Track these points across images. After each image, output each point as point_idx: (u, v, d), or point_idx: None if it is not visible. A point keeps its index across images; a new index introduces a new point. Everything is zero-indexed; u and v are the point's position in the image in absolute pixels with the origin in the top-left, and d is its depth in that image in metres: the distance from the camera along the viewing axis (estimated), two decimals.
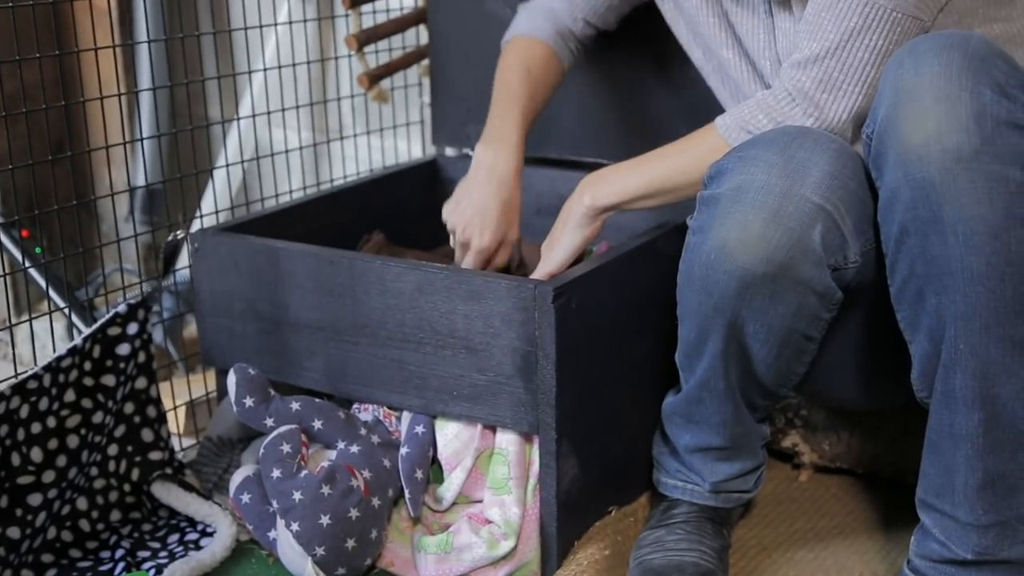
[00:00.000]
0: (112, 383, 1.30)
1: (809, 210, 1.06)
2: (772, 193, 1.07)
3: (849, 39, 1.13)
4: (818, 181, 1.07)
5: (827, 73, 1.14)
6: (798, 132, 1.11)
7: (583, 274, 1.21)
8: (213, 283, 1.39)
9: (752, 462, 1.27)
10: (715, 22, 1.28)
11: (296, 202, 1.54)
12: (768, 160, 1.08)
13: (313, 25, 1.90)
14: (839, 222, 1.08)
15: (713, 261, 1.09)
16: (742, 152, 1.11)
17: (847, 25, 1.12)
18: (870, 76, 1.13)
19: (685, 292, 1.15)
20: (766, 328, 1.11)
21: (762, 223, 1.06)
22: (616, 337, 1.27)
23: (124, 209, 2.06)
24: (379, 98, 1.80)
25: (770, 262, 1.07)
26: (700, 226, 1.12)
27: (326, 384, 1.34)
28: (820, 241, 1.07)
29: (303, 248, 1.33)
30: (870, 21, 1.12)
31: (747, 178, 1.08)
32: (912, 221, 1.01)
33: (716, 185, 1.11)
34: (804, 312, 1.11)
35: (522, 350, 1.20)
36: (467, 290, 1.21)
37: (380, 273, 1.26)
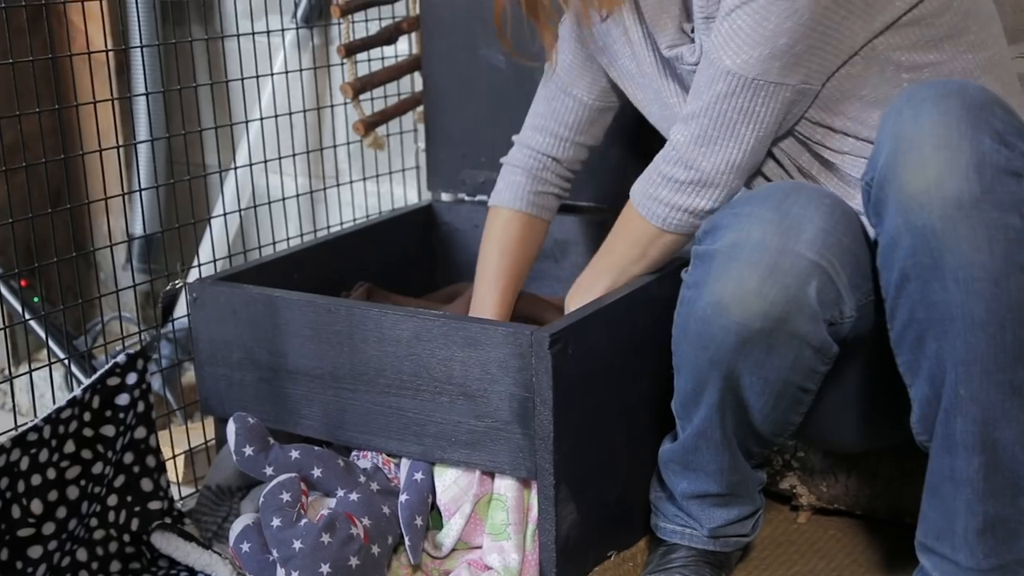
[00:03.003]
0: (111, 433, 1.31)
1: (804, 266, 1.08)
2: (768, 250, 1.08)
3: (718, 101, 1.17)
4: (812, 237, 1.09)
5: (702, 129, 1.19)
6: (792, 188, 1.13)
7: (579, 320, 1.22)
8: (211, 332, 1.40)
9: (750, 507, 1.27)
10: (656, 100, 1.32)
11: (293, 250, 1.55)
12: (763, 217, 1.10)
13: (309, 74, 1.93)
14: (834, 277, 1.09)
15: (709, 316, 1.11)
16: (737, 208, 1.13)
17: (716, 89, 1.17)
18: (743, 133, 1.18)
19: (681, 345, 1.16)
20: (762, 381, 1.13)
21: (758, 279, 1.08)
22: (612, 382, 1.28)
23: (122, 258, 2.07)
24: (375, 145, 1.82)
25: (767, 317, 1.08)
26: (695, 281, 1.13)
27: (325, 432, 1.35)
28: (816, 296, 1.08)
29: (301, 296, 1.34)
30: (734, 87, 1.16)
31: (742, 235, 1.10)
32: (913, 267, 1.02)
33: (711, 241, 1.13)
34: (800, 365, 1.12)
35: (519, 396, 1.21)
36: (464, 337, 1.22)
37: (378, 321, 1.27)
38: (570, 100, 1.41)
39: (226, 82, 1.71)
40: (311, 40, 1.96)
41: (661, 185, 1.23)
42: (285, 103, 1.84)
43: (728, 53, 1.16)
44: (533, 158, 1.44)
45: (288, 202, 1.82)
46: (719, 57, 1.17)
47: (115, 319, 1.92)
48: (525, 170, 1.45)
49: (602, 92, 1.41)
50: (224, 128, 1.71)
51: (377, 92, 1.86)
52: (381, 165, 1.95)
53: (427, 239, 1.75)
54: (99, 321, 1.91)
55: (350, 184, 1.92)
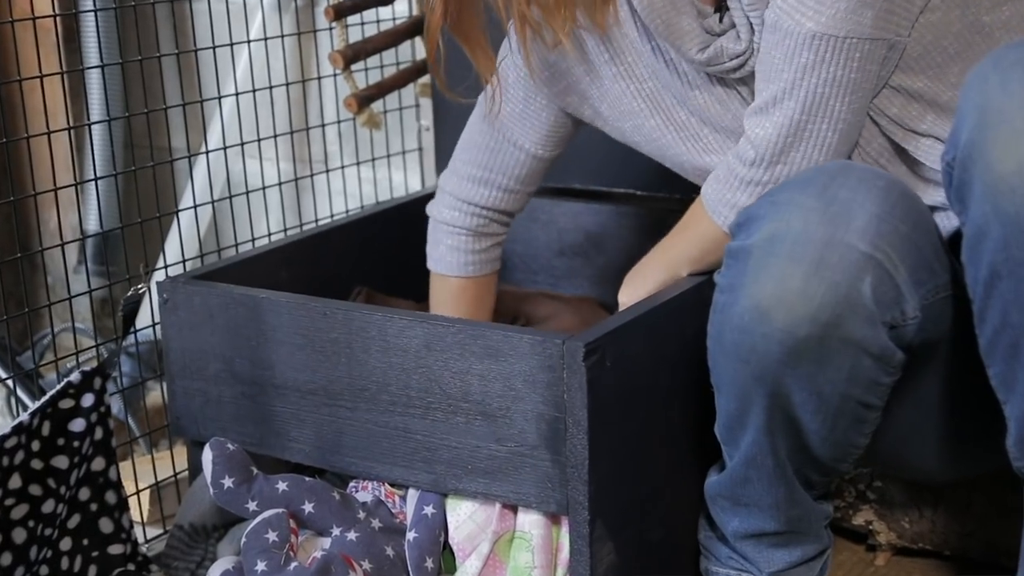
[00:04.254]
0: (65, 465, 1.31)
1: (856, 260, 1.08)
2: (812, 242, 1.08)
3: (805, 75, 1.17)
4: (864, 226, 1.09)
5: (788, 116, 1.19)
6: (838, 169, 1.13)
7: (618, 327, 1.22)
8: (184, 340, 1.40)
9: (815, 547, 1.27)
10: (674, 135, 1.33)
11: (276, 245, 1.56)
12: (805, 204, 1.10)
13: (291, 41, 1.93)
14: (892, 272, 1.09)
15: (748, 324, 1.11)
16: (775, 196, 1.14)
17: (800, 62, 1.17)
18: (837, 110, 1.18)
19: (718, 359, 1.17)
20: (816, 397, 1.13)
21: (802, 277, 1.08)
22: (657, 400, 1.28)
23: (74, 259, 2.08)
24: (370, 123, 1.83)
25: (815, 322, 1.08)
26: (730, 283, 1.13)
27: (317, 458, 1.35)
28: (871, 295, 1.09)
29: (290, 298, 1.34)
30: (823, 53, 1.16)
31: (781, 226, 1.10)
32: (1004, 262, 1.02)
33: (746, 235, 1.13)
34: (859, 377, 1.12)
35: (548, 416, 1.21)
36: (483, 346, 1.23)
37: (381, 327, 1.28)
38: (519, 152, 1.44)
39: (194, 51, 1.72)
40: (294, 1, 1.96)
41: (739, 189, 1.23)
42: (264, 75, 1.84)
43: (807, 13, 1.16)
44: (475, 215, 1.48)
45: (269, 191, 1.83)
46: (797, 22, 1.16)
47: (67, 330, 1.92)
48: (467, 230, 1.49)
49: (557, 141, 1.44)
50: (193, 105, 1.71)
51: (372, 61, 1.86)
52: (378, 147, 1.96)
53: None
54: (48, 333, 1.92)
55: (341, 170, 1.93)
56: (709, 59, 1.27)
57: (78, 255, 2.09)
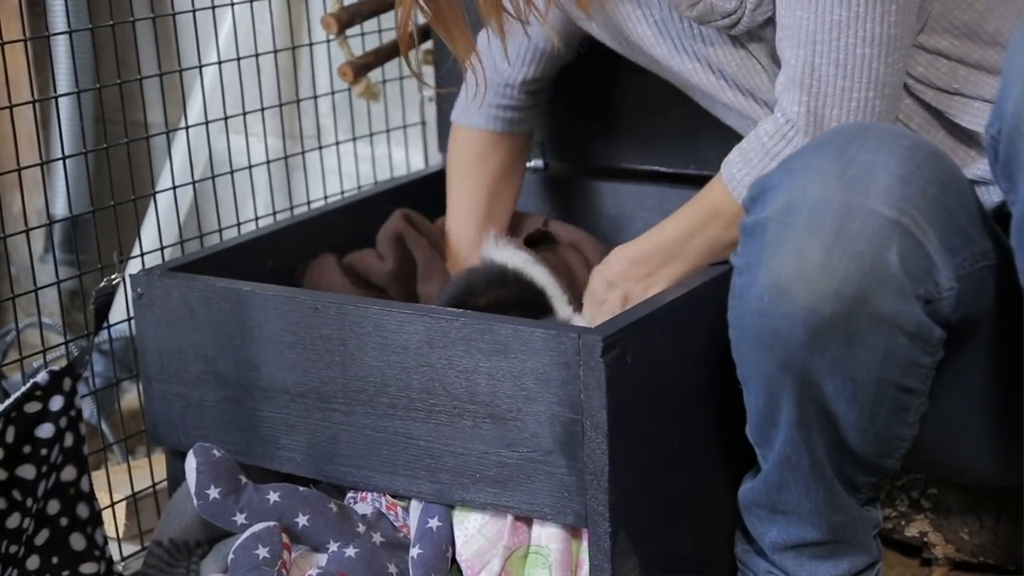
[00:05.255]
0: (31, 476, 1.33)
1: (879, 226, 1.09)
2: (830, 209, 1.09)
3: (840, 35, 1.18)
4: (887, 188, 1.10)
5: (824, 81, 1.20)
6: (857, 129, 1.15)
7: (639, 319, 1.24)
8: (162, 339, 1.42)
9: (864, 559, 1.28)
10: (696, 68, 1.37)
11: (264, 231, 1.58)
12: (821, 168, 1.11)
13: (280, 3, 1.95)
14: (920, 239, 1.10)
15: (767, 305, 1.12)
16: (790, 163, 1.15)
17: (831, 19, 1.19)
18: (878, 72, 1.19)
19: (741, 349, 1.18)
20: (850, 383, 1.14)
21: (822, 249, 1.09)
22: (683, 399, 1.29)
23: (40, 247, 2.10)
24: (367, 94, 1.84)
25: (839, 298, 1.09)
26: (747, 263, 1.15)
27: (310, 468, 1.37)
28: (899, 264, 1.09)
29: (278, 291, 1.36)
30: (855, 8, 1.18)
31: (797, 194, 1.11)
32: None
33: (760, 208, 1.14)
34: (895, 358, 1.13)
35: (563, 418, 1.23)
36: (491, 342, 1.24)
37: (378, 322, 1.29)
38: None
39: (172, 15, 1.73)
40: None
41: (772, 164, 1.24)
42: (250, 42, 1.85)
43: None
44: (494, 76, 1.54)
45: (256, 171, 1.85)
46: None
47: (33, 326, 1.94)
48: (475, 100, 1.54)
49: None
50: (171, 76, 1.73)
51: (369, 25, 1.88)
52: (376, 121, 1.97)
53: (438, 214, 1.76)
54: (11, 329, 1.94)
55: (336, 146, 1.94)
56: (700, 15, 1.30)
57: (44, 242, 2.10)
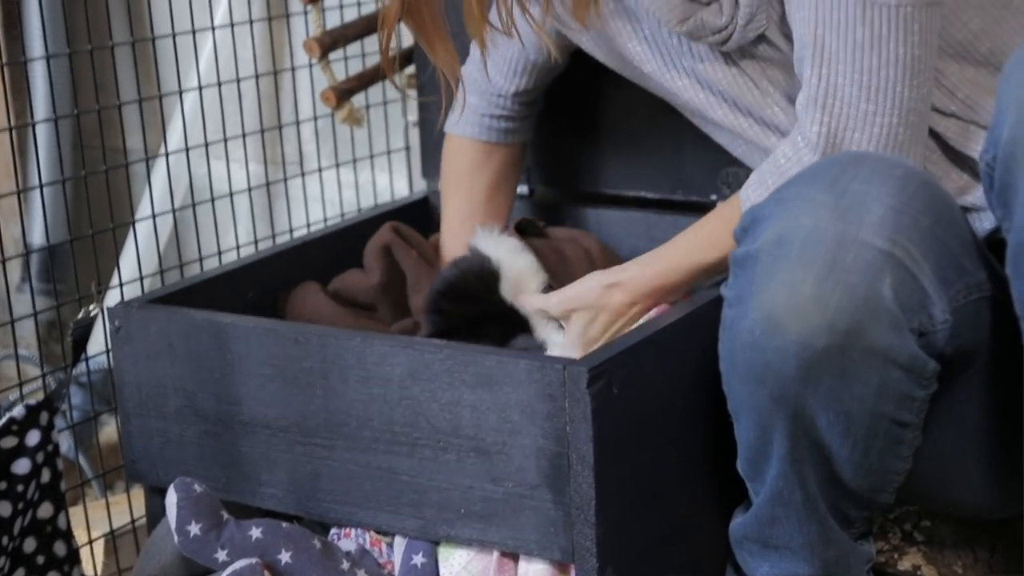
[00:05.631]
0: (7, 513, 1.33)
1: (873, 258, 1.11)
2: (823, 241, 1.11)
3: (863, 56, 1.20)
4: (880, 219, 1.11)
5: (846, 103, 1.22)
6: (850, 159, 1.16)
7: (625, 349, 1.26)
8: (140, 372, 1.44)
9: None
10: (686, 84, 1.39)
11: (248, 260, 1.59)
12: (814, 199, 1.13)
13: (262, 27, 1.96)
14: (914, 271, 1.12)
15: (759, 338, 1.14)
16: (781, 193, 1.17)
17: (854, 39, 1.20)
18: (903, 96, 1.21)
19: (732, 382, 1.20)
20: (843, 417, 1.15)
21: (815, 281, 1.10)
22: (672, 431, 1.31)
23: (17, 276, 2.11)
24: (350, 120, 1.86)
25: (833, 330, 1.11)
26: (737, 295, 1.16)
27: (293, 503, 1.39)
28: (893, 297, 1.11)
29: (258, 323, 1.38)
30: (878, 28, 1.20)
31: (789, 225, 1.13)
32: None
33: (752, 239, 1.16)
34: (889, 391, 1.15)
35: (549, 451, 1.24)
36: (475, 374, 1.26)
37: (361, 354, 1.31)
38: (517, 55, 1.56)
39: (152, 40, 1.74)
40: None
41: None
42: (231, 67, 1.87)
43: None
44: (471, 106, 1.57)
45: (237, 198, 1.86)
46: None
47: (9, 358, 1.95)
48: (478, 93, 1.55)
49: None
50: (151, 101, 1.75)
51: (352, 50, 1.90)
52: (359, 147, 1.99)
53: None
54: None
55: (318, 173, 1.96)
56: (690, 31, 1.32)
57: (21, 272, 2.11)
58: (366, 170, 2.02)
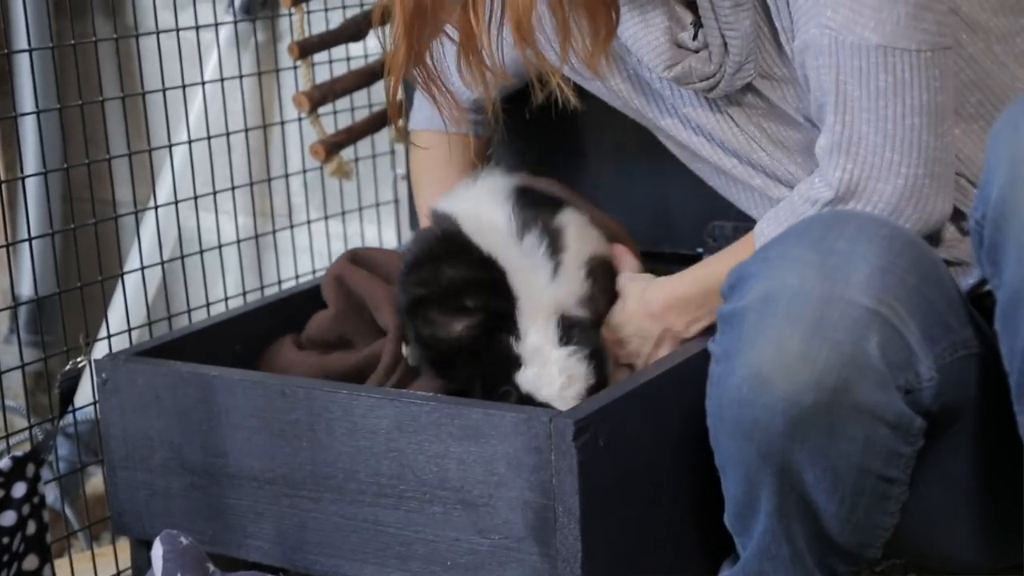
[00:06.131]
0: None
1: (859, 316, 1.11)
2: (810, 299, 1.11)
3: (886, 104, 1.21)
4: (867, 278, 1.12)
5: (871, 151, 1.22)
6: (835, 218, 1.17)
7: (612, 401, 1.25)
8: (127, 424, 1.43)
9: None
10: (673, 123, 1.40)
11: (236, 312, 1.59)
12: (801, 257, 1.13)
13: (251, 82, 1.97)
14: (900, 329, 1.12)
15: (747, 395, 1.14)
16: (768, 251, 1.18)
17: (876, 86, 1.21)
18: (928, 144, 1.22)
19: (719, 437, 1.20)
20: (831, 473, 1.15)
21: (802, 339, 1.11)
22: (658, 484, 1.30)
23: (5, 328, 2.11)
24: (339, 173, 1.87)
25: (820, 388, 1.11)
26: (725, 351, 1.17)
27: (279, 556, 1.38)
28: (879, 355, 1.11)
29: (245, 376, 1.38)
30: (900, 74, 1.20)
31: (776, 283, 1.13)
32: None
33: (739, 296, 1.16)
34: (876, 448, 1.15)
35: (535, 504, 1.23)
36: (461, 426, 1.25)
37: (347, 406, 1.31)
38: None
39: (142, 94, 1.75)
40: (254, 36, 2.01)
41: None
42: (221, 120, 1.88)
43: (868, 24, 1.20)
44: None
45: (226, 249, 1.86)
46: (860, 36, 1.20)
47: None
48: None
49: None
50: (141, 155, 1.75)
51: (342, 104, 1.90)
52: (348, 199, 1.99)
53: None
54: None
55: (307, 225, 1.96)
56: (677, 77, 1.33)
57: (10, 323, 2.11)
58: (355, 222, 2.02)
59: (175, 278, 1.96)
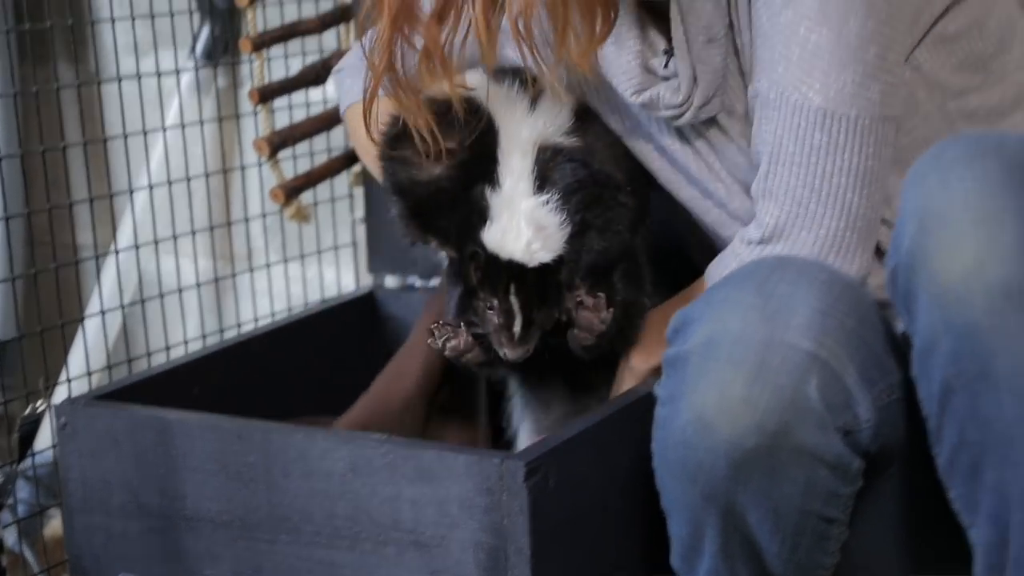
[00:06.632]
0: None
1: (800, 360, 1.12)
2: (751, 343, 1.13)
3: (817, 161, 1.24)
4: (807, 322, 1.13)
5: (798, 203, 1.25)
6: (777, 263, 1.19)
7: (562, 443, 1.26)
8: (85, 468, 1.43)
9: None
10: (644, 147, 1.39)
11: (193, 356, 1.59)
12: (741, 301, 1.15)
13: (212, 126, 1.98)
14: (839, 372, 1.14)
15: (691, 437, 1.15)
16: (711, 295, 1.19)
17: (811, 143, 1.24)
18: (852, 203, 1.24)
19: (664, 480, 1.20)
20: (772, 514, 1.16)
21: (744, 383, 1.12)
22: (608, 525, 1.31)
23: None
24: (298, 216, 1.87)
25: (761, 431, 1.12)
26: (670, 394, 1.18)
27: None
28: (819, 398, 1.12)
29: (202, 419, 1.37)
30: (835, 136, 1.23)
31: (718, 327, 1.14)
32: (956, 376, 1.07)
33: (682, 340, 1.18)
34: (816, 489, 1.16)
35: (487, 545, 1.24)
36: (415, 468, 1.26)
37: (303, 449, 1.31)
38: None
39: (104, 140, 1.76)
40: (215, 82, 2.02)
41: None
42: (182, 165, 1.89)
43: (814, 87, 1.22)
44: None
45: (187, 293, 1.87)
46: (804, 95, 1.23)
47: None
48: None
49: None
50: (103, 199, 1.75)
51: (301, 148, 1.91)
52: (307, 242, 2.00)
53: (368, 337, 1.79)
54: None
55: (267, 268, 1.97)
56: (645, 103, 1.33)
57: None
58: (314, 265, 2.03)
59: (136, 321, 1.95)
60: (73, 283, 1.88)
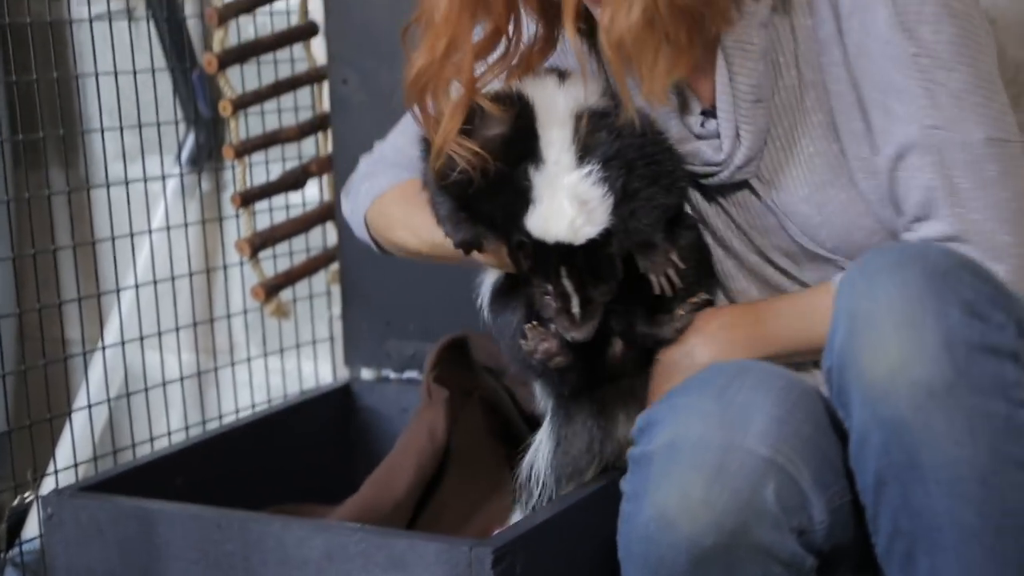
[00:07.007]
0: None
1: (757, 465, 1.16)
2: (711, 448, 1.17)
3: (996, 190, 1.24)
4: (764, 429, 1.18)
5: (987, 238, 1.23)
6: (736, 370, 1.23)
7: (528, 530, 1.29)
8: (71, 557, 1.45)
9: None
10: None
11: (176, 448, 1.62)
12: (702, 408, 1.19)
13: (196, 229, 2.01)
14: (795, 475, 1.18)
15: (653, 533, 1.18)
16: (673, 399, 1.23)
17: (984, 176, 1.24)
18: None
19: (629, 572, 1.23)
20: None
21: (704, 485, 1.16)
22: None
23: None
24: (278, 313, 1.92)
25: (720, 530, 1.16)
26: (634, 491, 1.21)
27: None
28: (775, 500, 1.16)
29: (183, 509, 1.40)
30: (1005, 163, 1.24)
31: (680, 431, 1.19)
32: (888, 467, 1.11)
33: (647, 440, 1.22)
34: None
35: None
36: (387, 556, 1.28)
37: (280, 538, 1.34)
38: None
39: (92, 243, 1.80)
40: (199, 187, 2.07)
41: None
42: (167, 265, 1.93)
43: (973, 119, 1.23)
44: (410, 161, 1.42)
45: (171, 387, 1.90)
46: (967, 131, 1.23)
47: None
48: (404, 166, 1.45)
49: None
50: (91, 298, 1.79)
51: (281, 248, 1.96)
52: (287, 337, 2.04)
53: (344, 427, 1.82)
54: None
55: (248, 362, 2.00)
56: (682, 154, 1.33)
57: None
58: (293, 358, 2.06)
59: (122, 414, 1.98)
60: (62, 377, 1.91)
